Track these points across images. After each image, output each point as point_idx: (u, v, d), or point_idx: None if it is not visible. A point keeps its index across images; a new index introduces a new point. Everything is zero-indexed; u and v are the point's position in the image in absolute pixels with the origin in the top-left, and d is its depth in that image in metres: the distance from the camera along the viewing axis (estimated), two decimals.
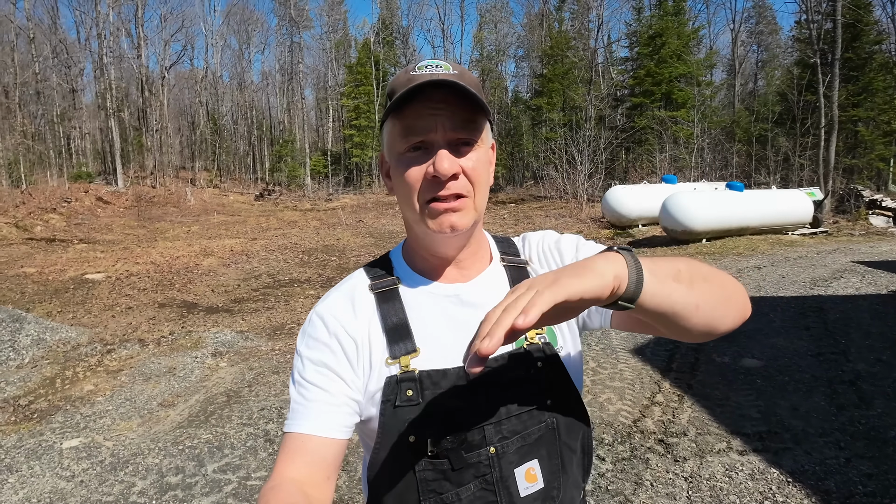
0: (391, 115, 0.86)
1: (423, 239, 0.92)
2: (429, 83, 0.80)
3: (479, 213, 0.89)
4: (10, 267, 12.35)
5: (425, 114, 0.82)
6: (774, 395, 4.37)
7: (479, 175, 0.86)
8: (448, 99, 0.82)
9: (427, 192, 0.84)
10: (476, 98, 0.82)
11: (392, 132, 0.87)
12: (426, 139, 0.83)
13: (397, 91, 0.83)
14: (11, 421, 4.59)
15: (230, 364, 5.85)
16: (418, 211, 0.86)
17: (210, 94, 44.72)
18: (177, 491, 3.39)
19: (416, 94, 0.81)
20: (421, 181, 0.84)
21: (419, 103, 0.82)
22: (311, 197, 33.99)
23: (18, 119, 30.73)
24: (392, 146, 0.88)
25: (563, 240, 1.01)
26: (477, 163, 0.86)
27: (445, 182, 0.83)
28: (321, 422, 0.85)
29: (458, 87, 0.80)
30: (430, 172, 0.83)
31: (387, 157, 0.92)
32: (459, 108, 0.83)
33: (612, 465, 3.43)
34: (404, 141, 0.84)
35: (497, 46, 46.32)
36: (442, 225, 0.85)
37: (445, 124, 0.83)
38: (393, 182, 0.91)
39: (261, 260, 13.17)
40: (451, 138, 0.83)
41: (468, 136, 0.85)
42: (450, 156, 0.82)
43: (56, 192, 25.57)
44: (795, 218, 14.17)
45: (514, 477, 0.86)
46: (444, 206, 0.84)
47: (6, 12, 34.01)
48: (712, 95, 34.71)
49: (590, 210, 20.76)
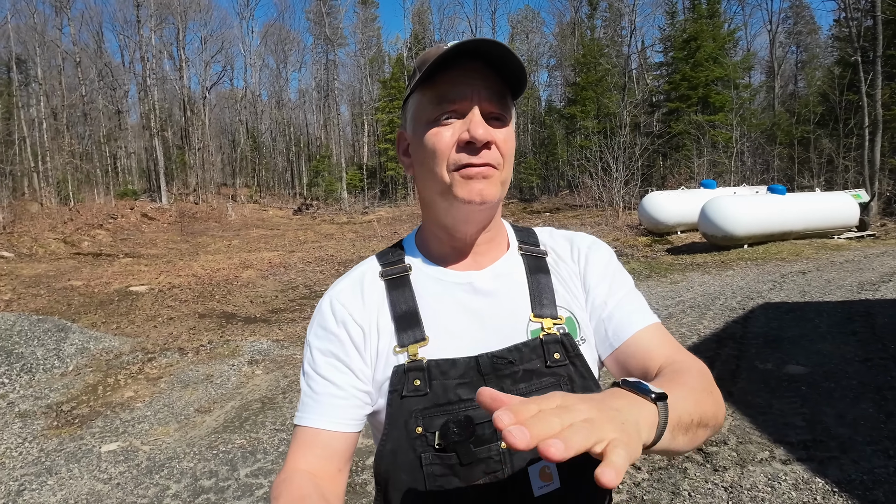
0: (421, 87, 0.84)
1: (445, 217, 0.87)
2: (464, 53, 0.79)
3: (504, 190, 0.86)
4: (58, 280, 12.82)
5: (461, 82, 0.80)
6: (820, 402, 4.18)
7: (509, 150, 0.84)
8: (484, 71, 0.81)
9: (459, 156, 0.81)
10: (517, 64, 0.80)
11: (421, 102, 0.85)
12: (460, 107, 0.81)
13: (428, 62, 0.80)
14: (54, 426, 4.74)
15: (266, 372, 5.92)
16: (447, 179, 0.82)
17: (249, 112, 45.89)
18: (209, 494, 3.43)
19: (450, 63, 0.79)
20: (452, 146, 0.81)
21: (454, 72, 0.80)
22: (347, 210, 34.47)
23: (67, 139, 32.10)
24: (419, 116, 0.85)
25: (595, 246, 0.96)
26: (508, 137, 0.84)
27: (479, 149, 0.80)
28: (330, 416, 0.83)
29: (499, 49, 0.78)
30: (464, 138, 0.80)
31: (410, 129, 0.89)
32: (494, 82, 0.81)
33: (647, 475, 3.33)
34: (437, 108, 0.82)
35: (529, 57, 46.31)
36: (472, 192, 0.81)
37: (482, 94, 0.80)
38: (414, 154, 0.88)
39: (298, 272, 13.37)
40: (485, 110, 0.81)
41: (501, 111, 0.83)
42: (484, 122, 0.80)
43: (103, 208, 26.52)
44: (841, 221, 13.67)
45: (528, 475, 0.81)
46: (475, 171, 0.81)
47: (53, 38, 35.68)
48: (751, 98, 33.91)
49: (626, 217, 20.46)
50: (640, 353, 0.85)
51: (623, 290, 0.92)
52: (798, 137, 29.64)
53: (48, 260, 17.11)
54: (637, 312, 0.90)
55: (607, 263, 0.94)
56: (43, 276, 13.52)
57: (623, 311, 0.89)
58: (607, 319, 0.89)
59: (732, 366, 5.07)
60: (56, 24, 36.88)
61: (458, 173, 0.81)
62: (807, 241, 13.09)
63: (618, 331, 0.88)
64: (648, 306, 0.93)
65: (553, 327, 0.87)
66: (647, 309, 0.91)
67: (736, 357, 5.28)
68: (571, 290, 0.93)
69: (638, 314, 0.89)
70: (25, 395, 5.46)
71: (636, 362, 0.85)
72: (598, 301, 0.91)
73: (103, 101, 38.72)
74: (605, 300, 0.90)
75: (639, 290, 0.95)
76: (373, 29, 49.26)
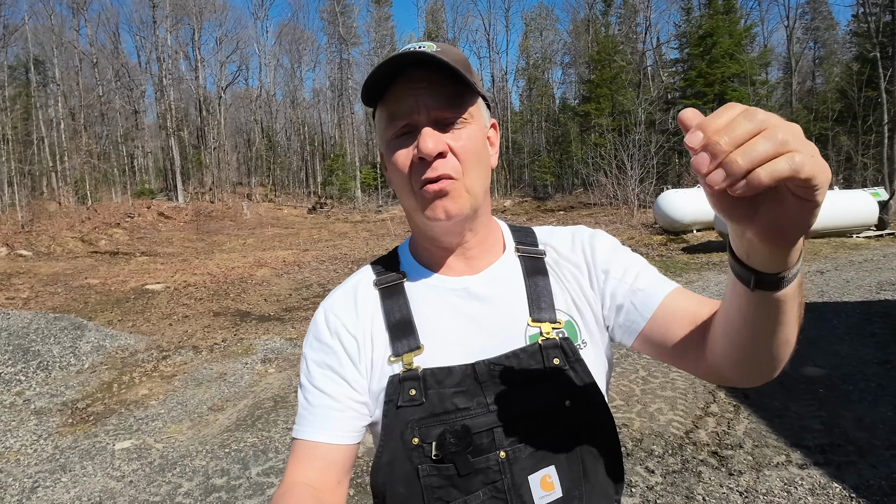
0: (378, 104, 0.83)
1: (424, 228, 0.87)
2: (408, 62, 0.76)
3: (474, 197, 0.82)
4: (76, 278, 12.99)
5: (406, 95, 0.78)
6: (838, 405, 4.11)
7: (468, 153, 0.80)
8: (430, 77, 0.78)
9: (416, 176, 0.79)
10: (455, 70, 0.76)
11: (380, 120, 0.84)
12: (410, 121, 0.79)
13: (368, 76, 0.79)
14: (69, 423, 4.79)
15: (278, 370, 5.94)
16: (413, 200, 0.82)
17: (264, 112, 46.16)
18: (221, 493, 3.44)
19: (398, 76, 0.78)
20: (409, 166, 0.80)
21: (400, 85, 0.79)
22: (361, 209, 34.55)
23: (84, 139, 32.53)
24: (381, 134, 0.84)
25: (599, 235, 0.93)
26: (467, 140, 0.80)
27: (431, 162, 0.78)
28: (327, 429, 0.82)
29: (436, 61, 0.75)
30: (416, 154, 0.78)
31: (381, 147, 0.87)
32: (442, 86, 0.78)
33: (661, 478, 3.29)
34: (390, 127, 0.81)
35: (543, 54, 46.16)
36: (435, 212, 0.80)
37: (428, 103, 0.78)
38: (388, 172, 0.86)
39: (312, 270, 13.42)
40: (436, 117, 0.79)
41: (454, 114, 0.80)
42: (434, 133, 0.77)
43: (120, 208, 26.85)
44: (859, 220, 13.47)
45: (528, 485, 0.79)
46: (433, 188, 0.78)
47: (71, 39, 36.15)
48: (768, 95, 33.48)
49: (641, 216, 20.30)
50: (681, 311, 0.82)
51: (639, 266, 0.89)
52: (816, 134, 29.24)
53: (66, 258, 17.35)
54: (660, 281, 0.87)
55: (613, 247, 0.92)
56: (60, 275, 13.70)
57: (644, 282, 0.86)
58: (632, 294, 0.86)
59: None
60: (73, 25, 37.42)
61: (421, 193, 0.80)
62: (825, 239, 12.92)
63: (646, 301, 0.84)
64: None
65: (552, 332, 0.85)
66: (667, 279, 0.89)
67: None
68: (572, 291, 0.90)
69: (662, 282, 0.87)
70: (41, 392, 5.53)
71: (679, 321, 0.81)
72: (617, 281, 0.88)
73: (120, 102, 39.18)
74: (624, 278, 0.87)
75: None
76: (386, 28, 49.32)
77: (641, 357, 5.44)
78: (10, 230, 20.83)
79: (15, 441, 4.45)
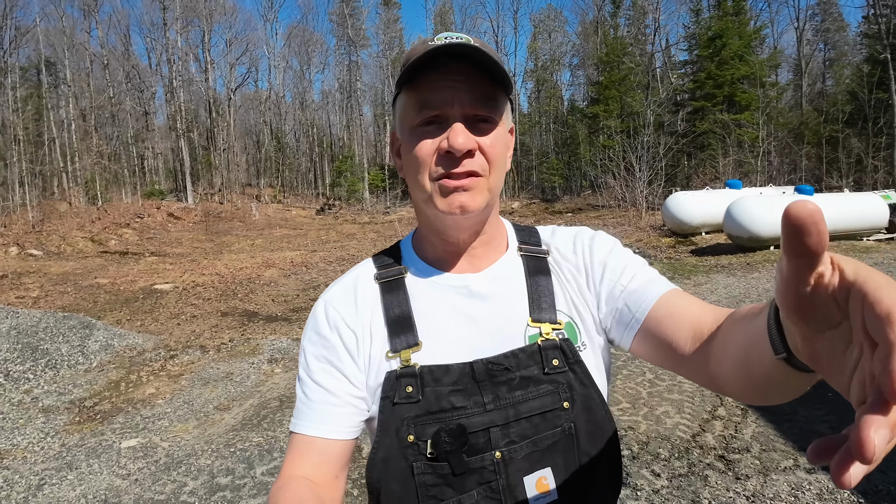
0: (406, 88, 0.81)
1: (434, 222, 0.86)
2: (448, 53, 0.75)
3: (492, 196, 0.83)
4: (85, 278, 13.08)
5: (442, 86, 0.77)
6: (847, 409, 4.04)
7: (496, 154, 0.80)
8: (468, 72, 0.77)
9: (439, 167, 0.79)
10: (500, 70, 0.76)
11: (406, 105, 0.82)
12: (442, 113, 0.78)
13: (411, 60, 0.77)
14: (76, 421, 4.82)
15: (285, 370, 5.95)
16: (428, 189, 0.80)
17: (274, 113, 46.32)
18: (226, 492, 3.45)
19: (433, 64, 0.77)
20: (433, 156, 0.79)
21: (437, 74, 0.77)
22: (369, 210, 34.61)
23: (95, 140, 32.77)
24: (405, 120, 0.82)
25: (598, 237, 0.92)
26: (496, 141, 0.80)
27: (460, 159, 0.78)
28: (325, 423, 0.82)
29: (481, 55, 0.75)
30: (444, 147, 0.77)
31: (398, 132, 0.86)
32: (480, 83, 0.78)
33: (667, 482, 3.27)
34: (418, 114, 0.79)
35: (552, 56, 46.06)
36: (451, 205, 0.79)
37: (464, 98, 0.77)
38: (403, 159, 0.85)
39: (319, 271, 13.45)
40: (469, 114, 0.78)
41: (487, 113, 0.79)
42: (465, 130, 0.77)
43: (130, 208, 27.02)
44: (870, 222, 13.33)
45: (524, 486, 0.79)
46: (454, 183, 0.78)
47: (82, 41, 36.46)
48: (778, 97, 33.24)
49: (650, 218, 20.21)
50: (677, 314, 0.79)
51: (636, 266, 0.88)
52: (826, 137, 29.05)
53: (76, 258, 17.48)
54: (656, 280, 0.85)
55: (612, 247, 0.91)
56: (70, 274, 13.80)
57: (639, 282, 0.85)
58: (626, 295, 0.85)
59: None
60: (84, 27, 37.74)
61: (439, 183, 0.79)
62: (835, 242, 12.80)
63: (639, 301, 0.83)
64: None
65: (552, 332, 0.84)
66: (665, 279, 0.87)
67: None
68: (572, 293, 0.89)
69: (658, 281, 0.85)
70: (49, 390, 5.57)
71: (675, 324, 0.78)
72: (611, 282, 0.87)
73: (131, 103, 39.43)
74: (619, 279, 0.86)
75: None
76: (395, 30, 49.41)
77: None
78: (20, 230, 21.01)
79: (22, 438, 4.49)
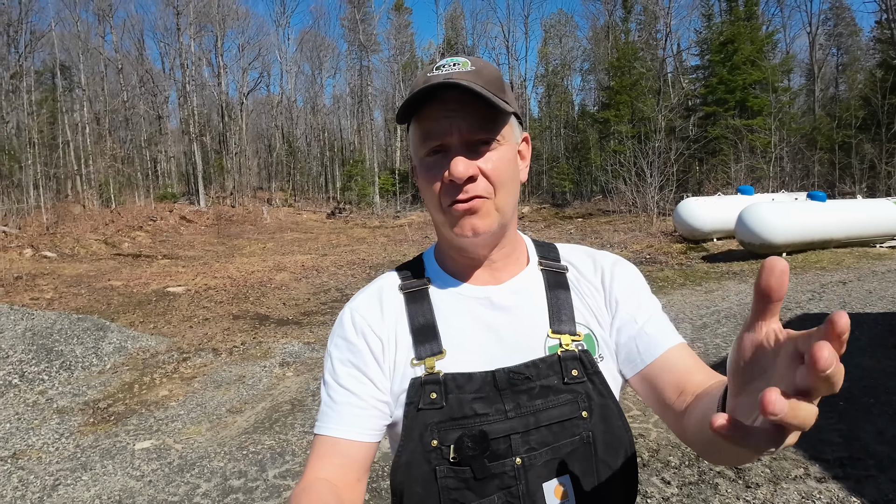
0: (413, 120, 0.86)
1: (452, 241, 0.90)
2: (441, 85, 0.79)
3: (503, 215, 0.86)
4: (99, 280, 13.20)
5: (440, 117, 0.81)
6: (858, 418, 4.04)
7: (499, 175, 0.83)
8: (462, 99, 0.80)
9: (447, 195, 0.83)
10: (489, 99, 0.79)
11: (414, 136, 0.87)
12: (443, 143, 0.82)
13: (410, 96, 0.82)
14: (90, 423, 4.87)
15: (296, 374, 5.98)
16: (442, 217, 0.85)
17: (285, 118, 46.56)
18: (238, 494, 3.47)
19: (431, 96, 0.81)
20: (439, 187, 0.83)
21: (435, 106, 0.81)
22: (379, 214, 34.66)
23: (109, 144, 33.12)
24: (415, 150, 0.88)
25: (620, 263, 0.96)
26: (498, 162, 0.83)
27: (462, 185, 0.81)
28: (350, 425, 0.84)
29: (470, 89, 0.78)
30: (447, 177, 0.82)
31: (413, 160, 0.91)
32: (474, 108, 0.81)
33: (677, 490, 3.26)
34: (423, 146, 0.84)
35: (562, 61, 46.03)
36: (463, 229, 0.83)
37: (461, 126, 0.81)
38: (419, 186, 0.90)
39: (330, 275, 13.49)
40: (468, 140, 0.82)
41: (486, 136, 0.82)
42: (464, 160, 0.80)
43: (143, 211, 27.23)
44: (884, 229, 13.18)
45: (542, 492, 0.81)
46: (462, 207, 0.82)
47: (96, 45, 36.88)
48: (790, 102, 33.01)
49: (661, 224, 20.11)
50: (676, 369, 0.84)
51: (652, 309, 0.92)
52: (839, 142, 28.78)
53: (89, 260, 17.64)
54: (668, 331, 0.89)
55: (634, 281, 0.94)
56: (84, 276, 13.93)
57: (654, 327, 0.89)
58: (637, 336, 0.88)
59: None
60: (99, 31, 38.10)
61: (450, 211, 0.83)
62: (848, 249, 12.68)
63: (650, 347, 0.87)
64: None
65: (571, 344, 0.87)
66: (675, 330, 0.91)
67: None
68: (591, 307, 0.92)
69: (670, 332, 0.89)
70: (64, 391, 5.63)
71: (671, 378, 0.84)
72: (628, 317, 0.90)
73: (144, 107, 39.78)
74: (635, 317, 0.90)
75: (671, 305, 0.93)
76: (406, 35, 49.58)
77: None
78: (35, 232, 21.24)
79: (37, 439, 4.54)
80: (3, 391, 5.57)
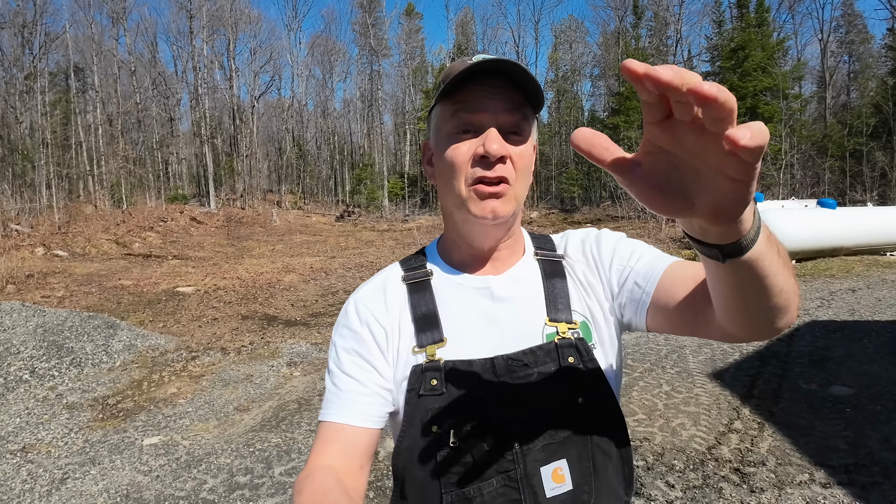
0: (444, 100, 0.86)
1: (463, 227, 0.91)
2: (485, 70, 0.81)
3: (518, 204, 0.88)
4: (109, 279, 13.31)
5: (479, 96, 0.83)
6: (865, 425, 4.02)
7: (524, 165, 0.86)
8: (503, 85, 0.83)
9: (475, 170, 0.84)
10: (534, 83, 0.82)
11: (443, 114, 0.88)
12: (478, 121, 0.84)
13: (452, 76, 0.83)
14: (99, 418, 4.92)
15: (303, 374, 6.02)
16: (463, 194, 0.85)
17: (296, 121, 46.83)
18: (244, 490, 3.51)
19: (471, 78, 0.82)
20: (468, 161, 0.84)
21: (474, 86, 0.83)
22: (388, 218, 34.76)
23: (121, 145, 33.41)
24: (441, 128, 0.88)
25: (605, 234, 0.99)
26: (524, 152, 0.85)
27: (493, 163, 0.83)
28: (354, 412, 0.86)
29: (517, 70, 0.81)
30: (479, 152, 0.83)
31: (433, 140, 0.92)
32: (514, 96, 0.83)
33: (681, 493, 3.26)
34: (456, 122, 0.85)
35: (572, 66, 46.01)
36: (484, 210, 0.84)
37: (499, 107, 0.83)
38: (436, 166, 0.91)
39: (338, 277, 13.55)
40: (502, 123, 0.83)
41: (518, 126, 0.85)
42: (500, 138, 0.82)
43: (154, 212, 27.43)
44: (894, 237, 13.08)
45: (540, 476, 0.83)
46: (489, 189, 0.83)
47: (110, 47, 37.26)
48: (801, 109, 32.84)
49: (669, 230, 20.07)
50: (681, 277, 0.83)
51: (640, 249, 0.93)
52: (850, 150, 28.61)
53: (100, 260, 17.80)
54: (659, 256, 0.91)
55: (619, 238, 0.97)
56: (95, 275, 14.06)
57: (644, 260, 0.90)
58: (634, 276, 0.90)
59: (775, 385, 4.93)
60: (113, 34, 38.54)
61: (474, 189, 0.84)
62: (857, 257, 12.60)
63: (649, 274, 0.88)
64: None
65: (568, 331, 0.89)
66: (666, 254, 0.92)
67: (779, 376, 5.12)
68: (588, 292, 0.95)
69: (661, 257, 0.91)
70: (74, 387, 5.69)
71: (681, 288, 0.82)
72: (620, 268, 0.92)
73: (157, 109, 40.16)
74: (627, 262, 0.92)
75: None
76: (416, 40, 49.73)
77: (665, 371, 5.38)
78: (47, 231, 21.45)
79: (47, 434, 4.60)
80: (14, 386, 5.64)
